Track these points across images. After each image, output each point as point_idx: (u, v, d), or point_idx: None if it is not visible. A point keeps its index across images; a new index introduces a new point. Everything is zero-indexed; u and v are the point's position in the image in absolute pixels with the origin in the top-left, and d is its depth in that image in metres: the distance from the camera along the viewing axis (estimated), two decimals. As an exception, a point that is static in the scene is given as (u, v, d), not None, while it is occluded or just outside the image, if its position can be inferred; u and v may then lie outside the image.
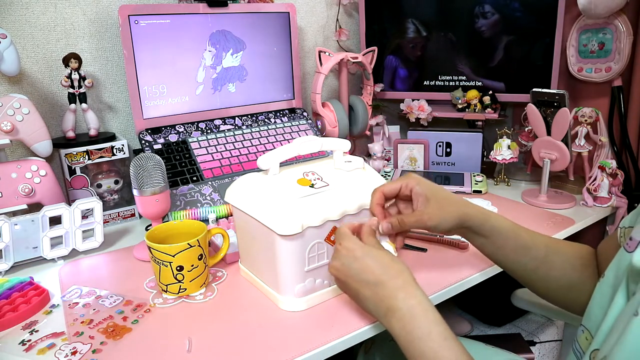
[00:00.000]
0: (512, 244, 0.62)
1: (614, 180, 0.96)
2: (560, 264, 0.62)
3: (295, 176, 0.65)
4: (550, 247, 0.63)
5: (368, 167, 0.72)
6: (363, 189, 0.66)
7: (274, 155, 0.64)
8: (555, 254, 0.62)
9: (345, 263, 0.54)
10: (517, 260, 0.63)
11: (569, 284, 0.61)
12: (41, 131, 0.84)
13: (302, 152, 0.65)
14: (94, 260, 0.81)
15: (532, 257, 0.62)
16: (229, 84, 1.09)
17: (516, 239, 0.62)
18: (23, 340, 0.58)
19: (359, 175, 0.69)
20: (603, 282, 0.49)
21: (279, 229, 0.58)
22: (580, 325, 0.52)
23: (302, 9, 1.28)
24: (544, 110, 0.95)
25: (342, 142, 0.70)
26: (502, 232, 0.62)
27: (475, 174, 1.11)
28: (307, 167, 0.69)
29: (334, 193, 0.64)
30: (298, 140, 0.66)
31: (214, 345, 0.56)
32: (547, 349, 1.20)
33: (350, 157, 0.71)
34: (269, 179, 0.64)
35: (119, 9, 0.92)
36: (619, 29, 1.00)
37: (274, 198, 0.61)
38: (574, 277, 0.61)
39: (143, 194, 0.75)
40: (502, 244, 0.62)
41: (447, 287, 0.68)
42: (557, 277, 0.62)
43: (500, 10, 1.15)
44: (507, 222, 0.62)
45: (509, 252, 0.62)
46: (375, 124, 1.29)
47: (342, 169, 0.69)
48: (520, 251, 0.62)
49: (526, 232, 0.63)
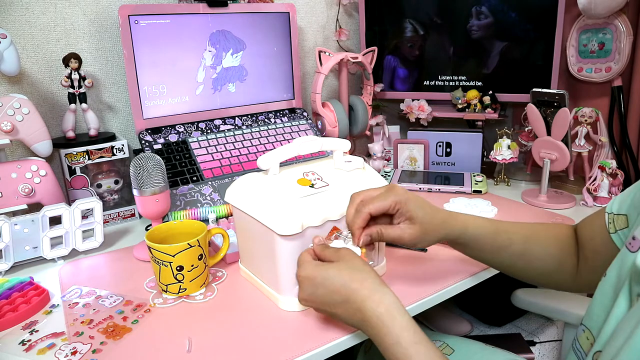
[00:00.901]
0: (489, 247, 0.64)
1: (614, 180, 0.96)
2: (538, 254, 0.65)
3: (295, 176, 0.65)
4: (528, 239, 0.65)
5: (368, 167, 0.72)
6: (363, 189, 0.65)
7: (273, 155, 0.64)
8: (534, 243, 0.65)
9: (311, 292, 0.54)
10: (496, 258, 0.66)
11: (550, 268, 0.65)
12: (41, 131, 0.84)
13: (302, 152, 0.65)
14: (94, 260, 0.81)
15: (510, 253, 0.65)
16: (229, 84, 1.09)
17: (493, 242, 0.64)
18: (23, 340, 0.58)
19: (359, 175, 0.69)
20: (605, 281, 0.49)
21: (279, 229, 0.58)
22: (581, 324, 0.52)
23: (302, 9, 1.28)
24: (544, 110, 0.95)
25: (342, 142, 0.70)
26: (479, 239, 0.63)
27: (475, 174, 1.11)
28: (307, 167, 0.69)
29: (334, 193, 0.64)
30: (298, 140, 0.65)
31: (214, 345, 0.56)
32: (547, 349, 1.20)
33: (350, 157, 0.71)
34: (269, 179, 0.64)
35: (119, 9, 0.92)
36: (619, 29, 1.00)
37: (273, 198, 0.61)
38: (553, 262, 0.64)
39: (143, 194, 0.75)
40: (480, 248, 0.64)
41: (447, 287, 0.68)
42: (538, 266, 0.65)
43: (500, 10, 1.15)
44: (485, 229, 0.63)
45: (487, 254, 0.65)
46: (375, 124, 1.29)
47: (342, 169, 0.69)
48: (498, 251, 0.65)
49: (505, 231, 0.65)
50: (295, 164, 0.70)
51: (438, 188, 1.06)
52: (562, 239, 0.65)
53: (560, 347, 1.08)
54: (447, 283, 0.68)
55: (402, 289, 0.67)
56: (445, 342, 0.83)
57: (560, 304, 0.86)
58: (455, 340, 0.84)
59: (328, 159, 0.72)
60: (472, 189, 1.05)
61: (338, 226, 0.62)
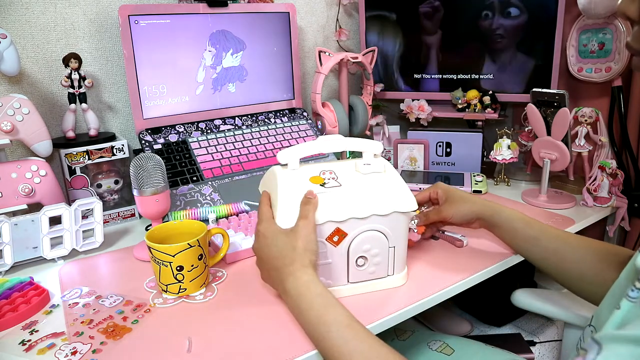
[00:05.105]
0: (522, 233, 0.70)
1: (614, 180, 0.96)
2: (571, 256, 0.66)
3: (311, 173, 0.65)
4: (562, 239, 0.68)
5: (391, 170, 0.67)
6: (377, 194, 0.63)
7: (293, 150, 0.64)
8: (567, 245, 0.67)
9: (259, 247, 0.62)
10: (529, 249, 0.71)
11: (582, 275, 0.65)
12: (41, 131, 0.84)
13: (325, 150, 0.65)
14: (94, 260, 0.81)
15: (543, 247, 0.69)
16: (229, 84, 1.09)
17: (526, 229, 0.70)
18: (23, 340, 0.58)
19: (377, 178, 0.65)
20: (616, 284, 0.50)
21: (279, 222, 0.60)
22: (590, 325, 0.51)
23: (302, 9, 1.28)
24: (544, 110, 0.95)
25: (370, 143, 0.66)
26: (512, 222, 0.71)
27: (475, 174, 1.11)
28: (328, 165, 0.67)
29: (342, 194, 0.63)
30: (322, 138, 0.65)
31: (214, 345, 0.56)
32: (547, 349, 1.20)
33: (370, 160, 0.66)
34: (285, 173, 0.65)
35: (119, 9, 0.92)
36: (619, 29, 1.00)
37: (280, 192, 0.62)
38: (585, 270, 0.65)
39: (143, 194, 0.75)
40: (514, 233, 0.71)
41: (447, 287, 0.68)
42: (569, 268, 0.67)
43: (500, 10, 1.15)
44: (518, 214, 0.72)
45: (521, 242, 0.71)
46: (375, 124, 1.29)
47: (360, 172, 0.66)
48: (531, 241, 0.70)
49: (538, 223, 0.71)
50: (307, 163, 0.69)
51: (438, 188, 1.06)
52: (601, 251, 0.65)
53: (560, 347, 1.08)
54: (447, 283, 0.68)
55: (402, 288, 0.67)
56: (445, 342, 0.83)
57: (560, 304, 0.86)
58: (455, 340, 0.84)
59: (356, 160, 0.69)
60: (472, 189, 1.05)
61: (342, 228, 0.62)
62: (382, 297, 0.65)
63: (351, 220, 0.61)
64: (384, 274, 0.67)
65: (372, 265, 0.65)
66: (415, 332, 0.89)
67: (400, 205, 0.63)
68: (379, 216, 0.62)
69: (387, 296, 0.66)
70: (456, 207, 0.74)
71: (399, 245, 0.65)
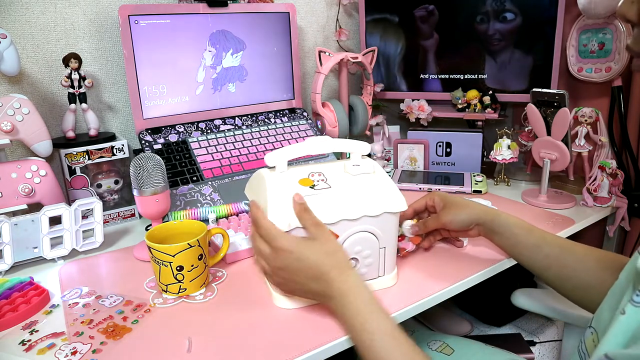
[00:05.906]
0: (523, 240, 0.68)
1: (614, 180, 0.96)
2: (574, 264, 0.64)
3: (300, 175, 0.64)
4: (564, 247, 0.66)
5: (380, 171, 0.67)
6: (367, 195, 0.63)
7: (281, 152, 0.63)
8: (569, 254, 0.65)
9: (287, 264, 0.57)
10: (531, 257, 0.68)
11: (584, 284, 0.64)
12: (41, 131, 0.84)
13: (312, 152, 0.63)
14: (94, 260, 0.81)
15: (545, 254, 0.66)
16: (229, 84, 1.09)
17: (527, 235, 0.68)
18: (23, 340, 0.58)
19: (366, 179, 0.65)
20: (616, 284, 0.49)
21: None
22: (589, 326, 0.51)
23: (302, 9, 1.28)
24: (544, 110, 0.95)
25: (357, 144, 0.65)
26: (513, 228, 0.68)
27: (475, 174, 1.11)
28: (317, 167, 0.66)
29: (331, 196, 0.62)
30: (310, 139, 0.64)
31: (214, 345, 0.56)
32: (547, 349, 1.20)
33: (359, 161, 0.66)
34: (273, 176, 0.63)
35: (119, 9, 0.92)
36: (619, 29, 1.00)
37: (269, 195, 0.60)
38: (588, 278, 0.63)
39: (143, 194, 0.75)
40: (515, 240, 0.69)
41: (447, 287, 0.68)
42: (571, 276, 0.65)
43: (500, 10, 1.15)
44: (518, 220, 0.70)
45: (522, 249, 0.68)
46: (375, 124, 1.29)
47: (349, 173, 0.65)
48: (532, 249, 0.67)
49: (539, 231, 0.69)
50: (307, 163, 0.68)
51: (438, 188, 1.06)
52: (603, 259, 0.63)
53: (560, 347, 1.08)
54: (447, 283, 0.68)
55: (402, 289, 0.68)
56: (445, 342, 0.83)
57: (560, 304, 0.86)
58: (455, 340, 0.84)
59: (345, 161, 0.69)
60: (472, 189, 1.05)
61: (334, 230, 0.61)
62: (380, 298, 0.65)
63: (343, 222, 0.61)
64: (375, 275, 0.66)
65: (363, 266, 0.65)
66: (415, 332, 0.89)
67: (390, 205, 0.63)
68: (369, 217, 0.62)
69: (385, 297, 0.65)
70: (455, 212, 0.72)
71: (389, 246, 0.65)
